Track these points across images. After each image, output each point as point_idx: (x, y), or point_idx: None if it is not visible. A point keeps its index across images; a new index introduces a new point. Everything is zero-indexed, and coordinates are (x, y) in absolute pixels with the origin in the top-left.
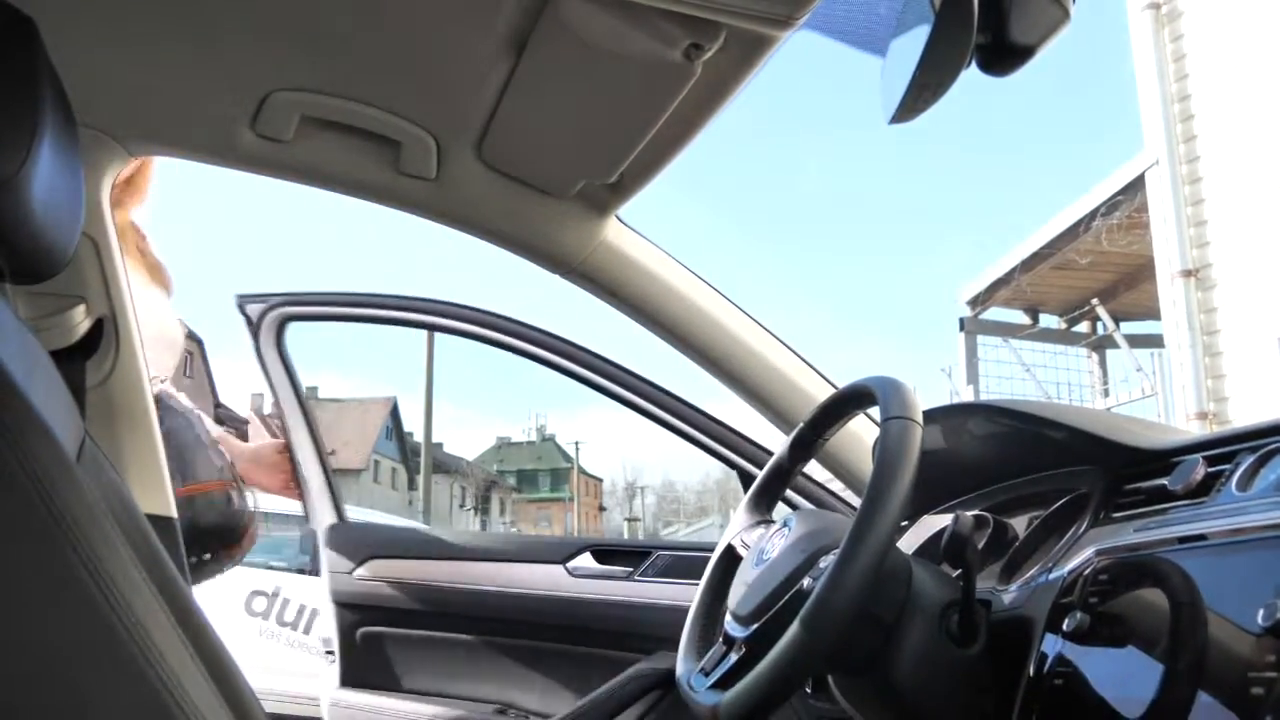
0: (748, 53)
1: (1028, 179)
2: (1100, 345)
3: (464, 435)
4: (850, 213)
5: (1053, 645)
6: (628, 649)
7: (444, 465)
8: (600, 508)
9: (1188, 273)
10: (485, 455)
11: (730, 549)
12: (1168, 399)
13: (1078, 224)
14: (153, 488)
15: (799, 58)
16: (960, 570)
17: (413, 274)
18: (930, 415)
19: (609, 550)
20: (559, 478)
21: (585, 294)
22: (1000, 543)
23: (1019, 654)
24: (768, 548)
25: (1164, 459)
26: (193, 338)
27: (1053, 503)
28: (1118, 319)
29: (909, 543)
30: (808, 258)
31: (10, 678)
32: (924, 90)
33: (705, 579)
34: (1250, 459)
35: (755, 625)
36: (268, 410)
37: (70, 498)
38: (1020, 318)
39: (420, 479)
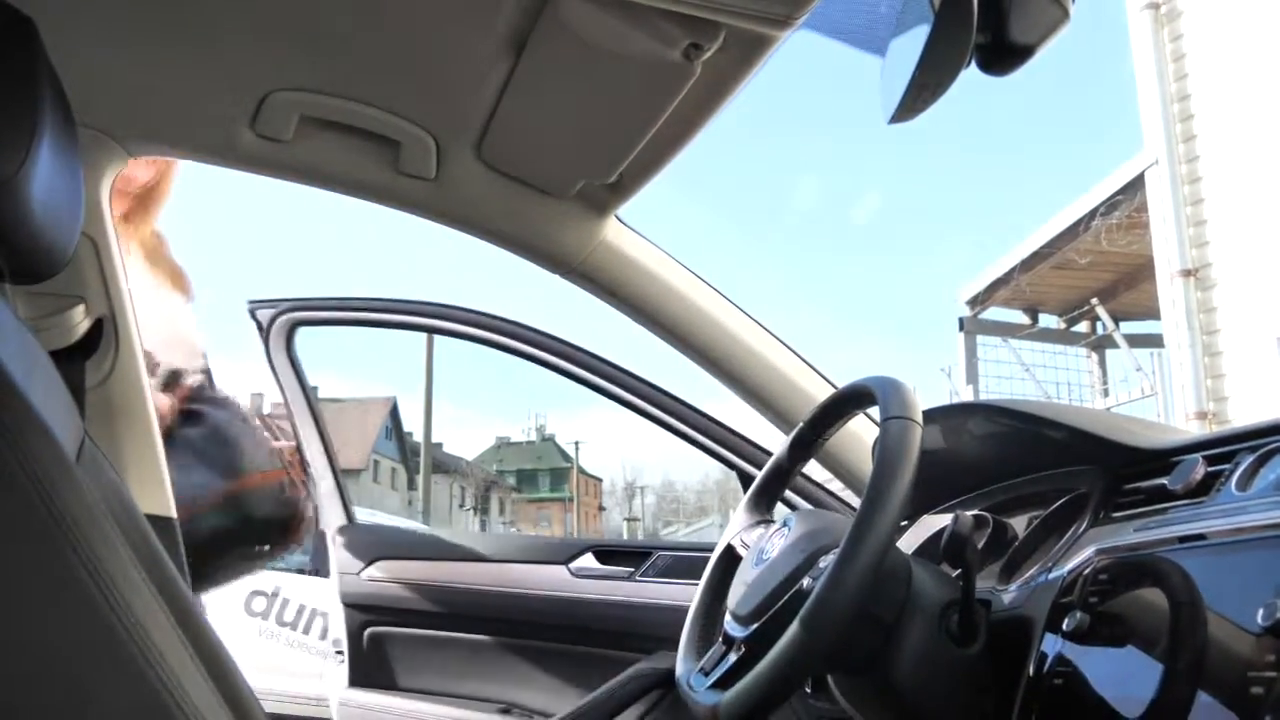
0: (747, 53)
1: (1027, 179)
2: (1100, 345)
3: (463, 435)
4: (850, 213)
5: (1052, 645)
6: (629, 649)
7: (443, 465)
8: (600, 508)
9: (1187, 272)
10: (485, 455)
11: (730, 549)
12: (1167, 398)
13: (1077, 224)
14: (152, 488)
15: (798, 58)
16: (960, 570)
17: (414, 277)
18: (930, 415)
19: (610, 551)
20: (558, 478)
21: (597, 295)
22: (1000, 542)
23: (1019, 654)
24: (767, 547)
25: (1164, 459)
26: None
27: (1052, 502)
28: (1117, 319)
29: (909, 542)
30: (807, 258)
31: (10, 678)
32: (923, 90)
33: (705, 579)
34: (1250, 459)
35: (755, 625)
36: (268, 410)
37: (70, 498)
38: (1020, 317)
39: (420, 479)
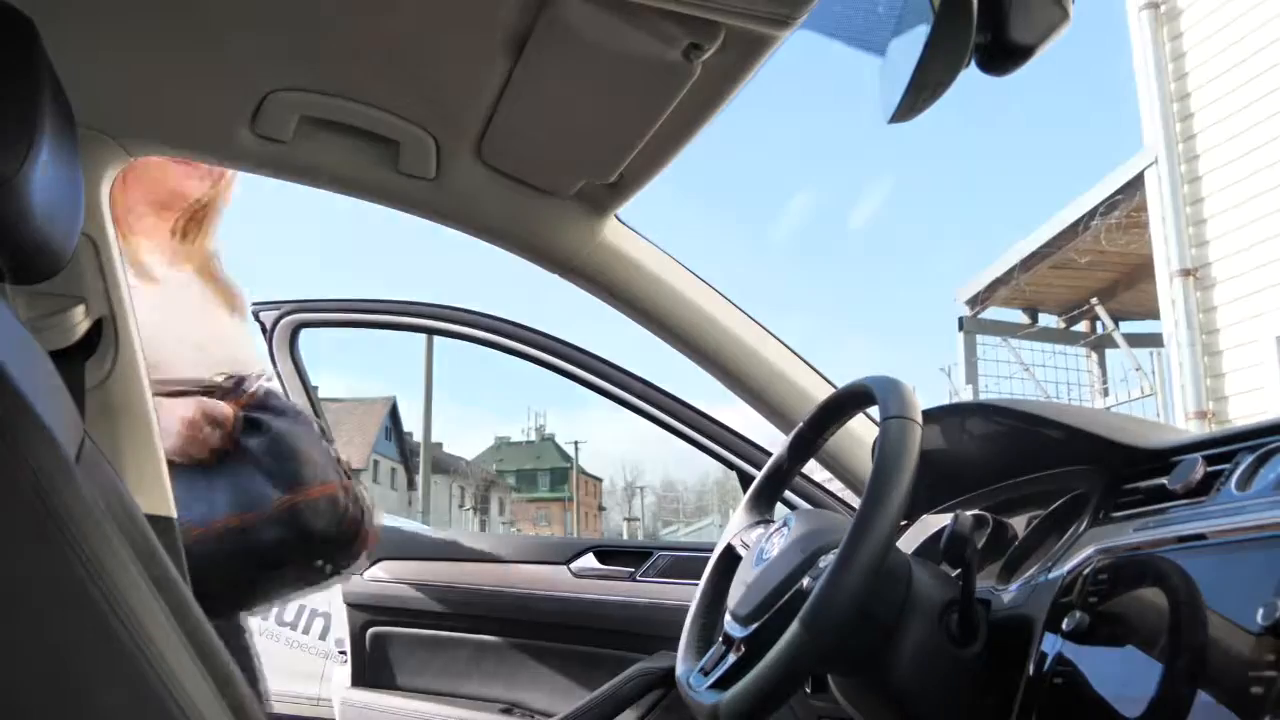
0: (747, 53)
1: (1027, 178)
2: (1099, 344)
3: (463, 435)
4: (849, 213)
5: (1052, 644)
6: (630, 648)
7: (443, 465)
8: (600, 508)
9: (1186, 272)
10: (484, 455)
11: (730, 549)
12: (1167, 398)
13: (1077, 223)
14: (152, 488)
15: (800, 57)
16: (960, 570)
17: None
18: (929, 415)
19: (611, 551)
20: (558, 478)
21: (597, 295)
22: (1000, 542)
23: (1018, 653)
24: (767, 547)
25: (1163, 458)
26: None
27: (1052, 502)
28: (1117, 318)
29: (909, 542)
30: (807, 257)
31: (8, 678)
32: (923, 90)
33: (705, 579)
34: (1250, 458)
35: (755, 625)
36: None
37: (69, 498)
38: (1019, 317)
39: (419, 479)
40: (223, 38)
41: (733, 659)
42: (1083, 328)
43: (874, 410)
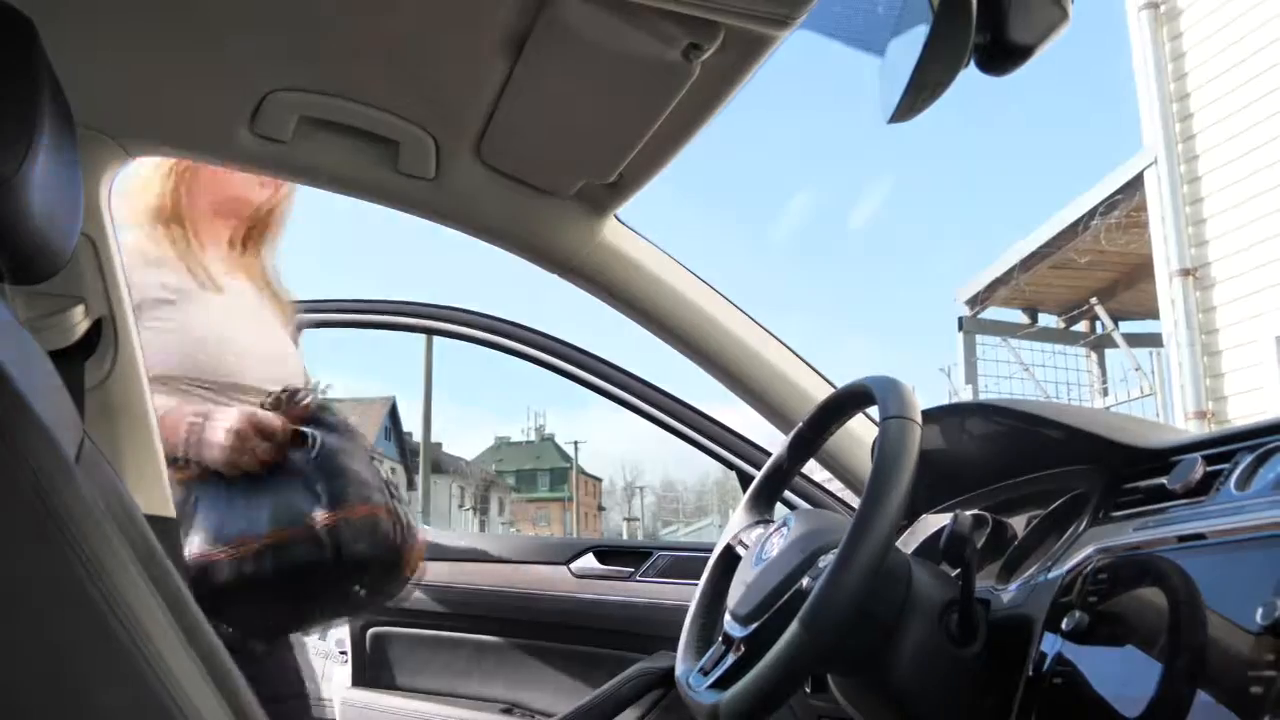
0: (746, 53)
1: (1027, 178)
2: (1099, 344)
3: (463, 435)
4: (849, 213)
5: (1052, 644)
6: (630, 648)
7: (443, 465)
8: (599, 508)
9: (1186, 272)
10: (484, 455)
11: (729, 549)
12: (1166, 398)
13: (1076, 223)
14: (152, 488)
15: (800, 57)
16: (959, 569)
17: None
18: (929, 415)
19: (611, 551)
20: (558, 478)
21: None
22: (999, 542)
23: (1018, 653)
24: (767, 547)
25: (1163, 458)
26: None
27: (1052, 502)
28: (1116, 318)
29: (908, 542)
30: (806, 257)
31: (7, 678)
32: (922, 90)
33: (705, 579)
34: (1249, 458)
35: (754, 625)
36: None
37: (69, 498)
38: (1019, 317)
39: (419, 479)
40: (222, 38)
41: (732, 659)
42: (1082, 328)
43: (874, 410)
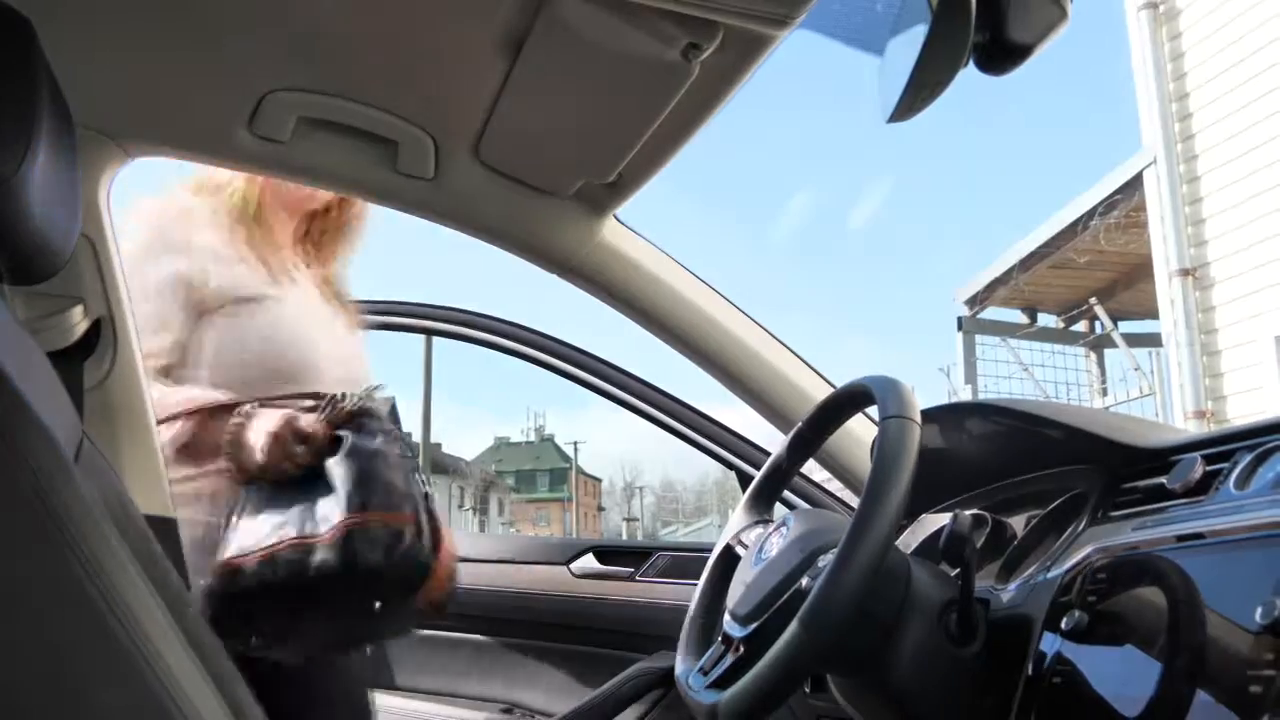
0: (745, 52)
1: (1026, 178)
2: (1098, 344)
3: (462, 435)
4: (849, 213)
5: (1051, 644)
6: (630, 648)
7: (442, 465)
8: (599, 508)
9: (1185, 271)
10: (483, 455)
11: (729, 549)
12: (1166, 398)
13: (1076, 223)
14: (151, 488)
15: (799, 58)
16: (959, 569)
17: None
18: (928, 414)
19: (611, 551)
20: (557, 478)
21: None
22: (999, 542)
23: (1017, 653)
24: (766, 547)
25: (1162, 458)
26: None
27: (1051, 501)
28: (1116, 318)
29: (908, 542)
30: (806, 257)
31: (6, 677)
32: (922, 89)
33: (704, 578)
34: (1248, 457)
35: (754, 624)
36: None
37: (68, 498)
38: (1018, 317)
39: None
40: (221, 38)
41: (732, 659)
42: (1082, 327)
43: (873, 410)
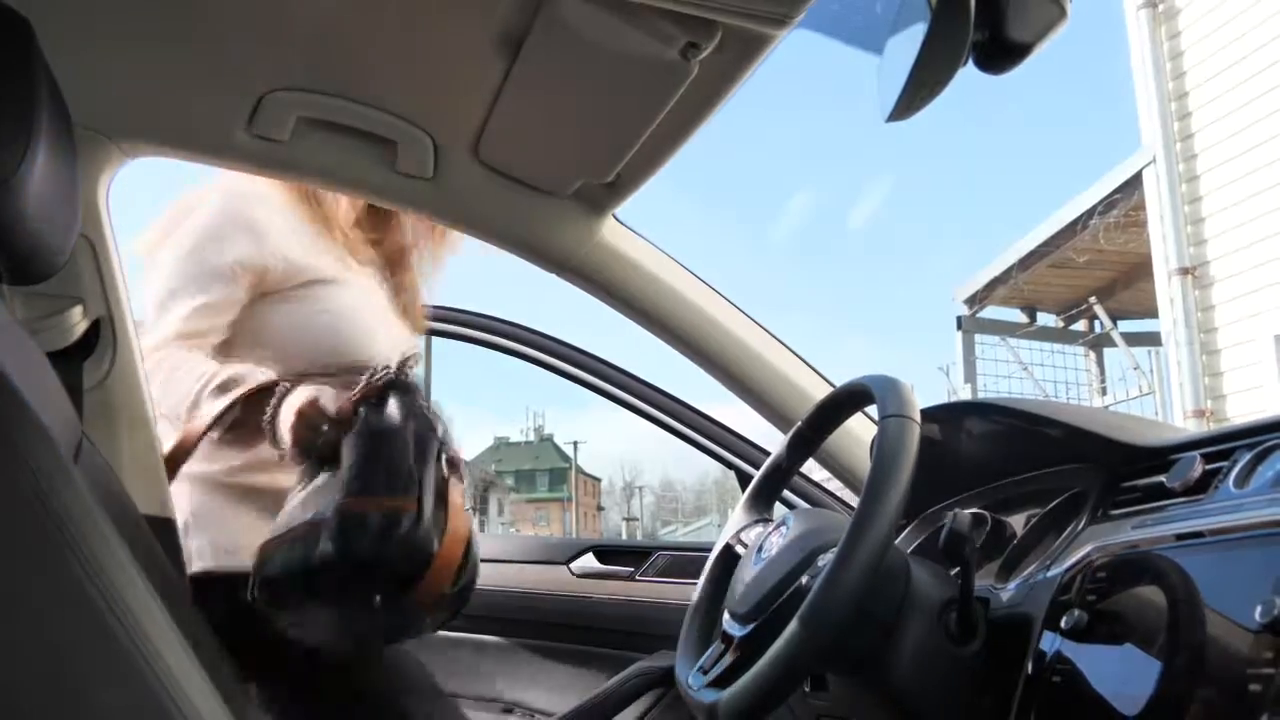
0: (744, 52)
1: (1025, 177)
2: (1098, 343)
3: (462, 435)
4: (849, 213)
5: (1051, 643)
6: (630, 648)
7: None
8: (598, 508)
9: (1185, 270)
10: (483, 455)
11: (729, 548)
12: (1165, 397)
13: (1075, 222)
14: (151, 488)
15: (798, 56)
16: (958, 568)
17: None
18: (928, 413)
19: (611, 550)
20: (557, 478)
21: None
22: (998, 540)
23: (1017, 652)
24: (766, 546)
25: (1162, 456)
26: None
27: (1051, 500)
28: (1115, 317)
29: (907, 541)
30: (806, 257)
31: (7, 677)
32: (921, 88)
33: (704, 577)
34: (1248, 456)
35: (753, 623)
36: None
37: (67, 498)
38: (1018, 316)
39: None
40: (220, 38)
41: (731, 658)
42: (1081, 327)
43: (873, 409)
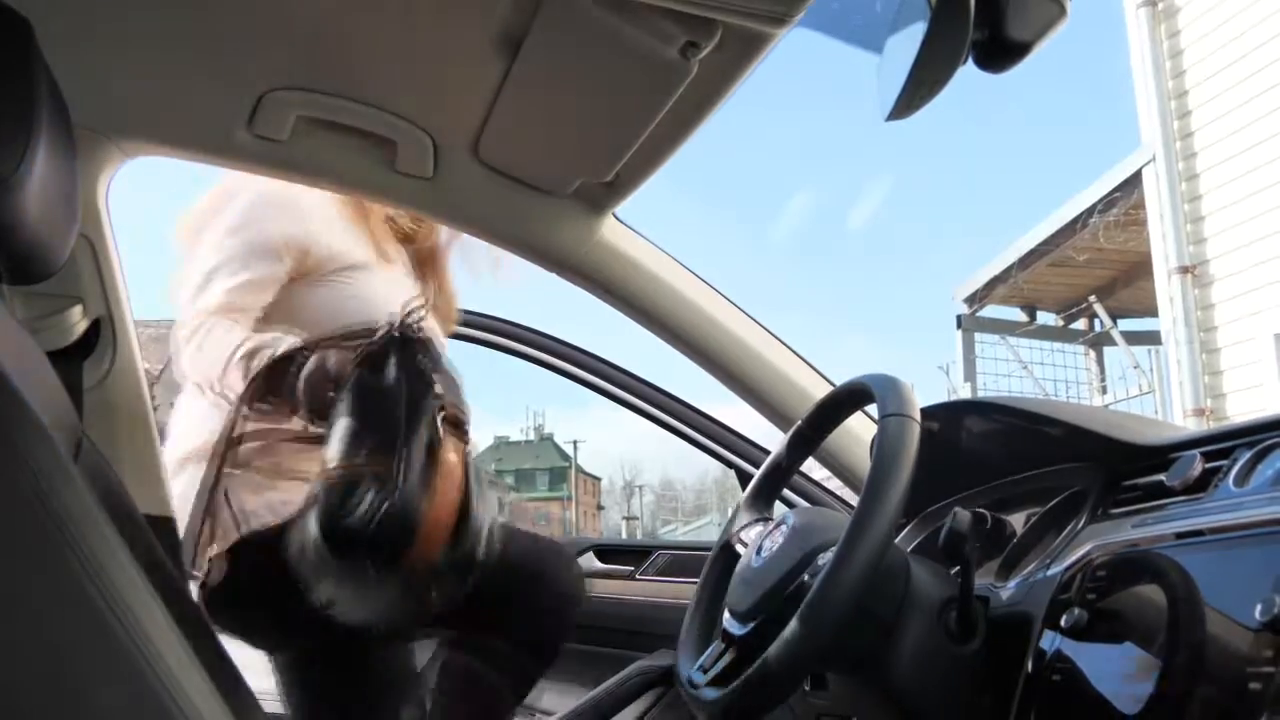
0: (744, 50)
1: (1025, 176)
2: (1098, 342)
3: None
4: (849, 213)
5: (1051, 641)
6: (630, 647)
7: None
8: (598, 507)
9: (1185, 269)
10: (483, 455)
11: (729, 547)
12: (1165, 395)
13: (1075, 221)
14: (151, 488)
15: (798, 55)
16: (958, 567)
17: None
18: (928, 412)
19: (611, 550)
20: (557, 477)
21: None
22: (998, 539)
23: (1017, 650)
24: (766, 545)
25: (1161, 455)
26: None
27: (1050, 499)
28: (1115, 316)
29: (907, 540)
30: (806, 257)
31: (7, 677)
32: (920, 87)
33: (704, 577)
34: (1247, 455)
35: (753, 622)
36: None
37: (67, 498)
38: (1018, 315)
39: None
40: (219, 38)
41: (731, 656)
42: (1081, 325)
43: (872, 408)
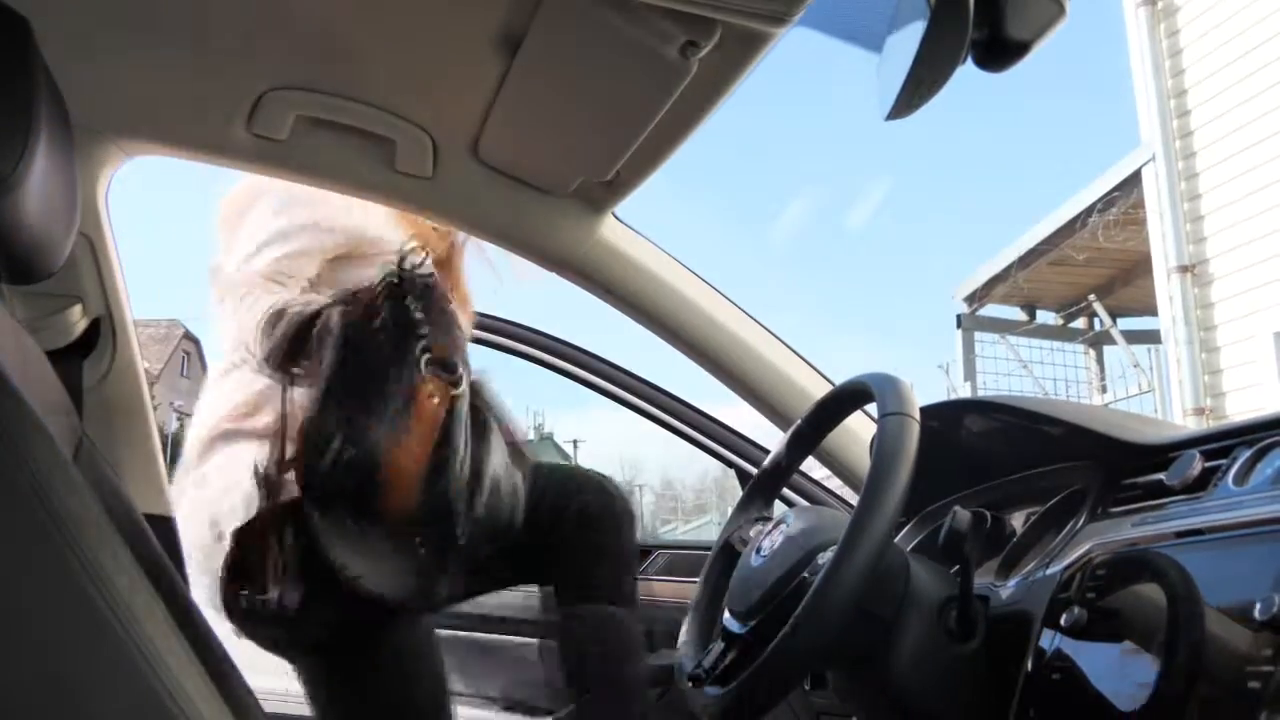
0: (743, 50)
1: (1025, 175)
2: (1097, 341)
3: None
4: (848, 212)
5: (1050, 640)
6: None
7: None
8: None
9: (1184, 268)
10: None
11: (729, 546)
12: (1165, 394)
13: (1074, 220)
14: (150, 487)
15: (798, 55)
16: (958, 566)
17: None
18: (927, 411)
19: None
20: None
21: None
22: (998, 538)
23: (1017, 649)
24: (766, 544)
25: (1161, 454)
26: (190, 338)
27: (1050, 498)
28: (1115, 315)
29: (907, 539)
30: (806, 256)
31: (6, 677)
32: (920, 86)
33: (704, 576)
34: (1247, 453)
35: (753, 621)
36: None
37: (67, 497)
38: (1017, 314)
39: None
40: (219, 37)
41: (732, 656)
42: (1081, 325)
43: (872, 407)
